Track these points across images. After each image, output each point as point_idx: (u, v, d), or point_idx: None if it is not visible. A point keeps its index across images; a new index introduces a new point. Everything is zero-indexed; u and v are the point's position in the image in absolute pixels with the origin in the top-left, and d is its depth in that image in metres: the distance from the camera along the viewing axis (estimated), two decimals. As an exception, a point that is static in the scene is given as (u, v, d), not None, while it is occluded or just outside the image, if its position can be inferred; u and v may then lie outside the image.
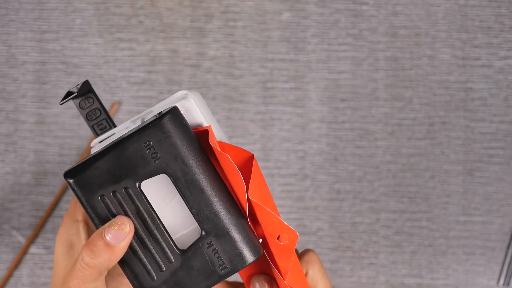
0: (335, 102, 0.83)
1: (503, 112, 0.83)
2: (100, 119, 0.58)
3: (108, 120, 0.58)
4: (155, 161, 0.53)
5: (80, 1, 0.84)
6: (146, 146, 0.53)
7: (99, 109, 0.58)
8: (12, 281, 0.82)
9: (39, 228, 0.81)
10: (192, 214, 0.53)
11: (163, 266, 0.54)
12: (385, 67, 0.83)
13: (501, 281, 0.81)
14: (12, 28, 0.84)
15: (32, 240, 0.82)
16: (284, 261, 0.53)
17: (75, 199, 0.60)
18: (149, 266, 0.54)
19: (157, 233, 0.54)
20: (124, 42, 0.83)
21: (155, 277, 0.54)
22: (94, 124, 0.59)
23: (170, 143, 0.53)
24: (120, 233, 0.54)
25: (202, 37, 0.83)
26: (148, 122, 0.53)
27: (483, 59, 0.83)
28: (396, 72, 0.83)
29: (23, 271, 0.82)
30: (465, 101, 0.83)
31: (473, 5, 0.84)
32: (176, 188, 0.53)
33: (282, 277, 0.53)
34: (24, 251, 0.82)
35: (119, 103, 0.83)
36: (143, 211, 0.54)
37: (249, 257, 0.53)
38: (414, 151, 0.83)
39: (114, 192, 0.54)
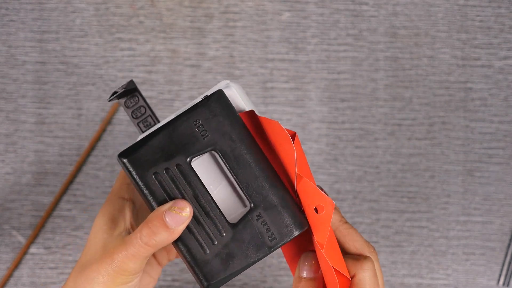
0: (335, 102, 0.83)
1: (503, 112, 0.83)
2: (145, 116, 0.61)
3: (153, 117, 0.61)
4: (204, 138, 0.57)
5: (80, 1, 0.84)
6: (196, 125, 0.56)
7: (144, 107, 0.61)
8: (12, 281, 0.82)
9: (39, 228, 0.81)
10: (241, 187, 0.56)
11: (214, 239, 0.56)
12: (385, 67, 0.83)
13: (501, 281, 0.81)
14: (12, 28, 0.84)
15: (32, 240, 0.82)
16: (320, 232, 0.53)
17: (121, 178, 0.63)
18: (201, 240, 0.56)
19: (208, 208, 0.56)
20: (124, 42, 0.84)
21: (208, 250, 0.56)
22: (139, 122, 0.61)
23: (218, 121, 0.56)
24: (179, 217, 0.56)
25: (202, 37, 0.83)
26: (196, 103, 0.57)
27: (483, 59, 0.83)
28: (396, 72, 0.83)
29: (23, 271, 0.82)
30: (465, 101, 0.83)
31: (473, 5, 0.84)
32: (225, 163, 0.56)
33: (319, 247, 0.53)
34: (24, 251, 0.82)
35: (119, 103, 0.83)
36: (194, 186, 0.56)
37: (296, 229, 0.55)
38: (414, 151, 0.83)
39: (166, 169, 0.56)
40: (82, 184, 0.83)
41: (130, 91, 0.61)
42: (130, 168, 0.57)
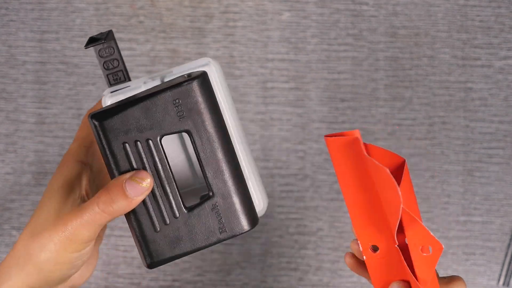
0: (335, 102, 0.83)
1: (503, 112, 0.83)
2: (116, 70, 0.60)
3: (125, 72, 0.60)
4: (180, 118, 0.56)
5: (80, 1, 0.84)
6: (174, 104, 0.56)
7: (117, 60, 0.60)
8: (12, 281, 0.82)
9: (39, 228, 0.81)
10: (204, 175, 0.56)
11: (167, 220, 0.56)
12: (385, 67, 0.83)
13: (501, 281, 0.81)
14: (12, 28, 0.84)
15: (32, 240, 0.82)
16: (424, 273, 0.52)
17: (80, 139, 0.61)
18: (154, 218, 0.56)
19: (168, 188, 0.56)
20: (124, 42, 0.84)
21: (158, 229, 0.56)
22: (109, 74, 0.60)
23: (197, 105, 0.56)
24: (139, 187, 0.56)
25: (202, 37, 0.83)
26: (178, 81, 0.56)
27: (483, 59, 0.83)
28: (396, 72, 0.83)
29: (23, 271, 0.82)
30: (465, 101, 0.83)
31: (473, 5, 0.84)
32: (194, 148, 0.56)
33: (422, 285, 0.52)
34: (24, 251, 0.82)
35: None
36: (159, 164, 0.56)
37: (248, 226, 0.57)
38: (414, 151, 0.83)
39: (136, 141, 0.56)
40: (82, 184, 0.83)
41: (106, 41, 0.59)
42: (101, 133, 0.56)
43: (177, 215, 0.56)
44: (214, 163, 0.57)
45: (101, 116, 0.56)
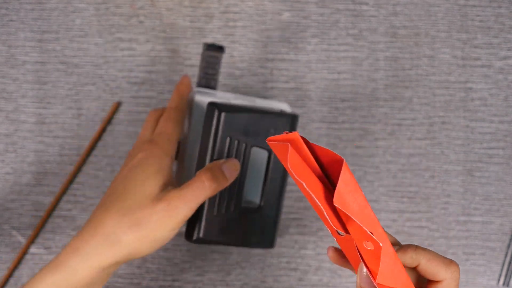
0: (335, 102, 0.83)
1: (503, 112, 0.83)
2: (211, 77, 0.73)
3: (216, 82, 0.73)
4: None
5: (80, 1, 0.84)
6: (274, 128, 0.68)
7: (216, 70, 0.73)
8: (12, 281, 0.82)
9: (39, 228, 0.81)
10: (262, 190, 0.70)
11: (225, 210, 0.68)
12: (385, 67, 0.83)
13: (501, 281, 0.81)
14: (12, 28, 0.84)
15: (32, 240, 0.82)
16: (372, 264, 0.53)
17: (171, 135, 0.69)
18: (217, 204, 0.68)
19: (237, 186, 0.68)
20: (124, 42, 0.84)
21: (216, 213, 0.67)
22: (203, 76, 0.73)
23: None
24: (234, 171, 0.67)
25: (202, 37, 0.83)
26: (281, 112, 0.69)
27: (483, 59, 0.83)
28: (396, 72, 0.83)
29: (23, 271, 0.82)
30: (465, 101, 0.83)
31: (473, 5, 0.84)
32: (266, 166, 0.70)
33: (372, 277, 0.53)
34: (24, 251, 0.82)
35: (119, 103, 0.83)
36: (243, 166, 0.68)
37: (267, 245, 0.70)
38: (414, 151, 0.83)
39: (238, 141, 0.68)
40: (82, 184, 0.83)
41: (219, 51, 0.72)
42: (215, 121, 0.66)
43: (234, 210, 0.68)
44: (273, 185, 0.70)
45: (221, 107, 0.67)
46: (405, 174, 0.82)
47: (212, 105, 0.66)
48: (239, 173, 0.67)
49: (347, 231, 0.53)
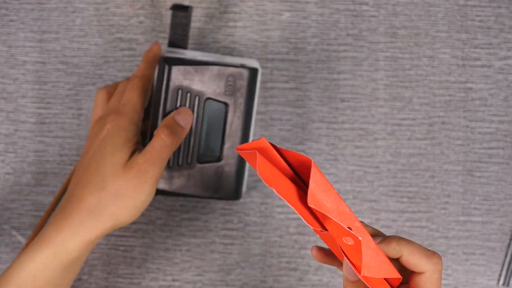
0: (335, 102, 0.83)
1: (503, 112, 0.83)
2: (181, 36, 0.74)
3: (186, 40, 0.74)
4: (225, 92, 0.70)
5: (80, 1, 0.84)
6: (227, 79, 0.69)
7: (185, 29, 0.74)
8: (12, 281, 0.82)
9: (39, 228, 0.81)
10: (221, 143, 0.71)
11: (181, 162, 0.70)
12: (385, 67, 0.83)
13: (501, 281, 0.81)
14: (12, 28, 0.84)
15: (32, 240, 0.82)
16: (355, 259, 0.53)
17: (136, 104, 0.71)
18: (176, 155, 0.70)
19: (193, 140, 0.70)
20: (124, 42, 0.84)
21: (171, 165, 0.70)
22: (173, 34, 0.74)
23: (243, 89, 0.70)
24: (188, 118, 0.70)
25: (202, 37, 0.84)
26: (236, 64, 0.70)
27: (483, 59, 0.83)
28: (396, 72, 0.83)
29: (23, 271, 0.82)
30: (465, 101, 0.83)
31: (473, 5, 0.84)
32: (224, 121, 0.70)
33: (357, 271, 0.53)
34: (24, 251, 0.82)
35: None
36: (195, 118, 0.70)
37: (234, 196, 0.72)
38: (414, 151, 0.83)
39: (188, 92, 0.69)
40: (82, 184, 0.82)
41: (186, 10, 0.74)
42: (166, 74, 0.68)
43: (190, 162, 0.70)
44: (233, 138, 0.71)
45: (172, 61, 0.68)
46: (405, 174, 0.82)
47: (163, 60, 0.68)
48: (193, 121, 0.69)
49: (325, 229, 0.53)
